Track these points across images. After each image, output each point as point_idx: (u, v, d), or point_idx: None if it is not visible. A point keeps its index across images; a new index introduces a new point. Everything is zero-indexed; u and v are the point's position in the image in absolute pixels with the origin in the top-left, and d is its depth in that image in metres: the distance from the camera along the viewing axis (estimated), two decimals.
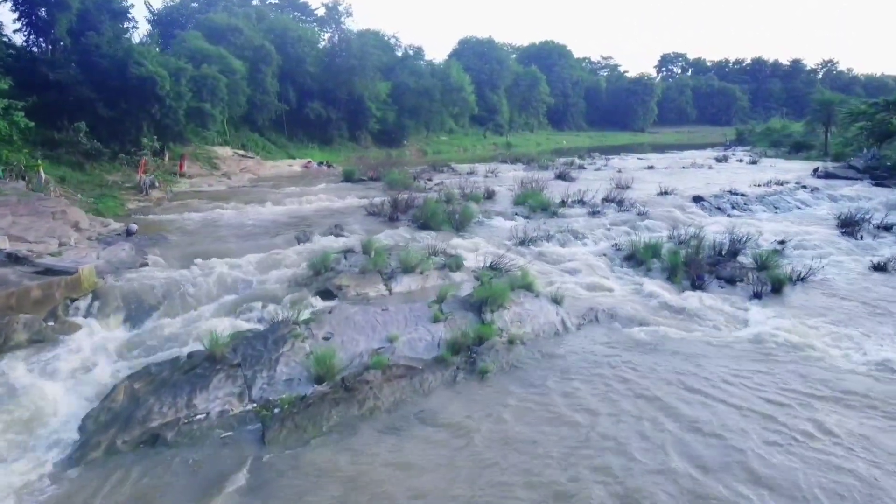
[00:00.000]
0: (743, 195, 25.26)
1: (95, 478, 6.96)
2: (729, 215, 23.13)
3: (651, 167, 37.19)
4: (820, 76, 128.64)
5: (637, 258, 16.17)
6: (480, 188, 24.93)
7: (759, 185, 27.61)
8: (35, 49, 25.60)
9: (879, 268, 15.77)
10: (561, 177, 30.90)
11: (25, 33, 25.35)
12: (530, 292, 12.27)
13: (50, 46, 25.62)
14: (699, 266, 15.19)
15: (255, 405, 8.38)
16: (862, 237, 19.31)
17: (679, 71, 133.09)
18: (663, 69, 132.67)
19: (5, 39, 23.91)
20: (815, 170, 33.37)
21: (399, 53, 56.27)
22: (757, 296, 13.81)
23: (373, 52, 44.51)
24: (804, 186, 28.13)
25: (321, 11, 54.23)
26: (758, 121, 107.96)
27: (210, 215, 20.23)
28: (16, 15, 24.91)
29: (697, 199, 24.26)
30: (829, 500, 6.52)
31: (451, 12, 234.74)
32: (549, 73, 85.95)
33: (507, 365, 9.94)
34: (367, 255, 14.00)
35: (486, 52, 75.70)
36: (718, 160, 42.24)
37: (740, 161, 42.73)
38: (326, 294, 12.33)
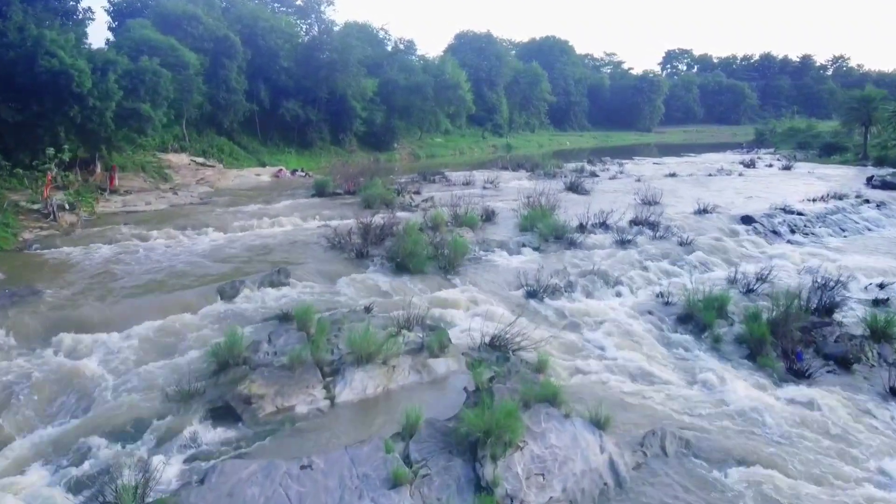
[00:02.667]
0: (800, 214, 20.58)
1: None
2: (789, 241, 18.50)
3: (673, 174, 32.49)
4: (830, 73, 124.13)
5: (696, 319, 11.52)
6: (477, 206, 20.27)
7: (813, 200, 22.92)
8: None
9: None
10: (572, 188, 26.19)
11: None
12: (555, 408, 7.57)
13: None
14: (790, 335, 10.54)
15: None
16: None
17: (684, 68, 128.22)
18: (668, 66, 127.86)
19: None
20: (870, 178, 28.66)
21: (389, 48, 51.45)
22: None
23: (356, 45, 39.68)
24: (867, 200, 23.44)
25: (300, 1, 49.13)
26: (767, 119, 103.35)
27: (125, 249, 15.50)
28: None
29: (747, 221, 19.59)
30: None
31: (446, 6, 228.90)
32: (551, 70, 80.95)
33: None
34: (304, 331, 9.29)
35: (484, 48, 70.81)
36: (746, 165, 37.55)
37: (770, 166, 38.02)
38: (225, 413, 7.64)
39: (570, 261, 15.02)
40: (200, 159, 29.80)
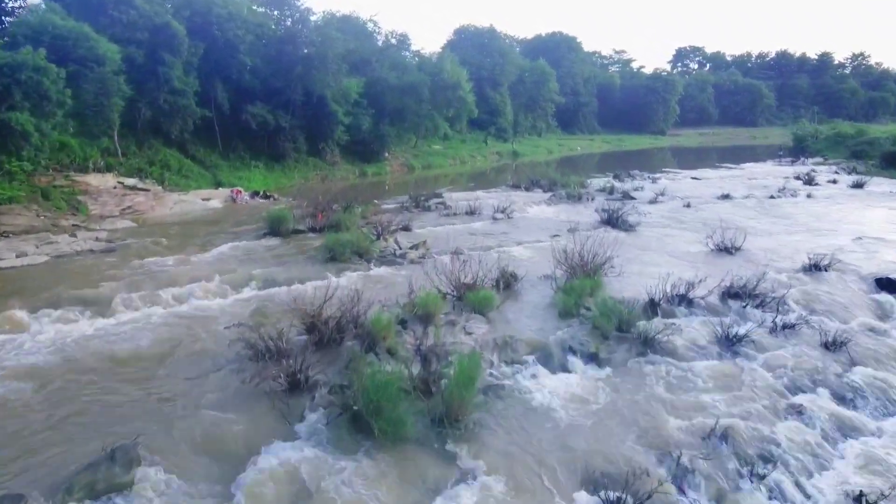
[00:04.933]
0: None
1: None
2: None
3: (727, 196, 26.15)
4: (848, 71, 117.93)
5: None
6: (490, 257, 14.06)
7: None
8: None
9: None
10: (610, 221, 19.87)
11: None
12: None
13: None
14: None
15: None
16: None
17: (696, 66, 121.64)
18: (678, 64, 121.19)
19: None
20: None
21: (378, 42, 45.15)
22: None
23: (338, 39, 33.34)
24: None
25: None
26: (785, 120, 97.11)
27: None
28: None
29: (885, 285, 13.33)
30: None
31: (445, 2, 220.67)
32: (558, 69, 74.26)
33: None
34: None
35: (486, 44, 64.51)
36: (805, 182, 31.23)
37: (834, 182, 31.69)
38: None
39: (657, 392, 8.71)
40: (132, 181, 23.42)
